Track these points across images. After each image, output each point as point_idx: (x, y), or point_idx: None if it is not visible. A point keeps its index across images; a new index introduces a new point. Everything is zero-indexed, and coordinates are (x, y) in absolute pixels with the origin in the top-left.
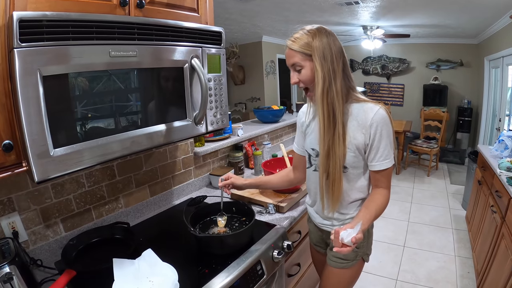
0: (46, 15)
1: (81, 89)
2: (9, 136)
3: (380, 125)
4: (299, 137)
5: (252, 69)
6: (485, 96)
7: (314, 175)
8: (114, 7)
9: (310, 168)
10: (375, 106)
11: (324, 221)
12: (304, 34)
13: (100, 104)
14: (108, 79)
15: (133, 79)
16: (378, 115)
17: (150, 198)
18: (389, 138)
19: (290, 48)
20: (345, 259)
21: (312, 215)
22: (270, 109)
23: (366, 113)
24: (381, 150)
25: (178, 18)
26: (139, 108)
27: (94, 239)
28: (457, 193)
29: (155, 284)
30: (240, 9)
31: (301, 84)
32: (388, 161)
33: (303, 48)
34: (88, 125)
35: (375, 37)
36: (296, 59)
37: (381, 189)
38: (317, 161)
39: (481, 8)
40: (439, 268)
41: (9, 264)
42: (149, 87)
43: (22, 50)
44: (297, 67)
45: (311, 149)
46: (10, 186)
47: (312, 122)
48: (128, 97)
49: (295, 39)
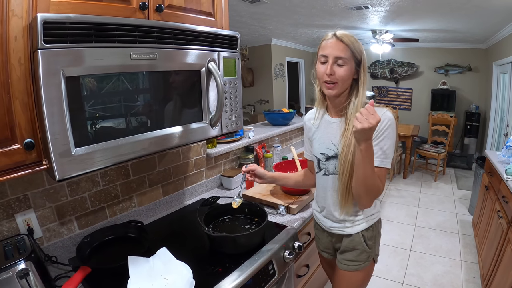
0: (69, 17)
1: (102, 91)
2: (30, 135)
3: (387, 125)
4: (307, 144)
5: (261, 71)
6: (493, 102)
7: (324, 179)
8: (134, 11)
9: (320, 172)
10: (382, 109)
11: (335, 224)
12: (355, 38)
13: (121, 104)
14: (129, 81)
15: (153, 81)
16: (385, 116)
17: (162, 198)
18: (392, 139)
19: (343, 42)
20: (357, 261)
21: (321, 220)
22: (281, 112)
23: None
24: (384, 148)
25: (195, 22)
26: (159, 110)
27: (108, 237)
28: (464, 198)
29: (169, 281)
30: (251, 12)
31: (335, 77)
32: (387, 161)
33: (356, 51)
34: (109, 126)
35: (384, 41)
36: (345, 54)
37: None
38: (326, 165)
39: (489, 13)
40: (445, 273)
41: (25, 260)
42: (168, 90)
43: (46, 51)
44: (340, 61)
45: (320, 153)
46: (27, 184)
47: (319, 128)
48: (149, 99)
49: (349, 36)
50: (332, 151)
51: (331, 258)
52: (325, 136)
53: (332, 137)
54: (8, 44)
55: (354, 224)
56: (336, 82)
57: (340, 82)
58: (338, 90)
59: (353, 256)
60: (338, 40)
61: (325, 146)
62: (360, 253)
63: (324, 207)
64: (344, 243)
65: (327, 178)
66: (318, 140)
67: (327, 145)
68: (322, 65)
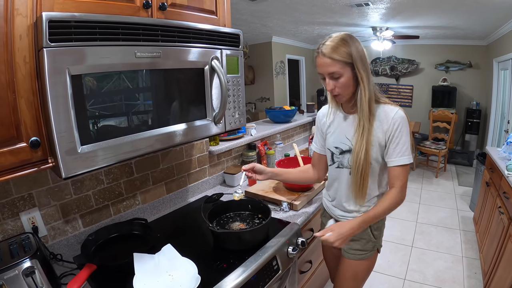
0: (74, 16)
1: (107, 89)
2: (36, 133)
3: (400, 123)
4: (319, 137)
5: (261, 69)
6: (493, 98)
7: (337, 172)
8: (137, 9)
9: (333, 165)
10: (394, 107)
11: (344, 213)
12: (339, 42)
13: (125, 103)
14: (133, 79)
15: (157, 79)
16: (398, 115)
17: (166, 195)
18: (407, 136)
19: (328, 57)
20: (364, 250)
21: (330, 208)
22: (282, 110)
23: (387, 113)
24: (400, 146)
25: (198, 21)
26: (163, 108)
27: (113, 234)
28: (465, 195)
29: (175, 278)
30: (251, 10)
31: (337, 90)
32: (406, 158)
33: (342, 57)
34: (114, 123)
35: (384, 38)
36: (335, 68)
37: (394, 189)
38: (340, 158)
39: (490, 10)
40: (446, 268)
41: (30, 258)
42: (173, 87)
43: (51, 50)
44: (336, 75)
45: (334, 147)
46: (31, 182)
47: (333, 123)
48: (153, 97)
49: (331, 47)
50: (346, 145)
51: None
52: (340, 131)
53: (347, 132)
54: (13, 43)
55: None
56: (339, 93)
57: (342, 91)
58: (345, 96)
59: (359, 245)
60: (324, 57)
61: (340, 140)
62: (366, 243)
63: (335, 197)
64: None
65: (340, 171)
66: (332, 134)
67: (342, 140)
68: (323, 81)
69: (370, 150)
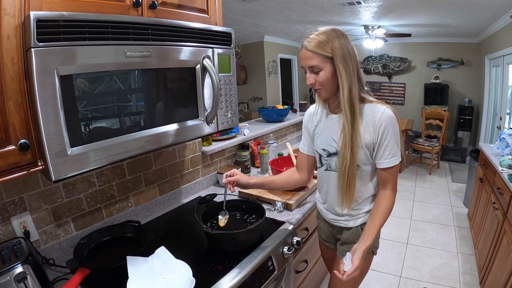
0: (63, 15)
1: (97, 89)
2: (24, 136)
3: (387, 124)
4: (306, 138)
5: (254, 68)
6: (485, 95)
7: (326, 174)
8: (127, 8)
9: (322, 167)
10: (382, 106)
11: (336, 217)
12: (322, 36)
13: (116, 104)
14: (123, 80)
15: (148, 79)
16: (384, 115)
17: (159, 197)
18: (395, 136)
19: (309, 50)
20: None
21: (323, 211)
22: (275, 109)
23: (374, 113)
24: (389, 148)
25: (189, 19)
26: (154, 108)
27: (106, 237)
28: (458, 191)
29: (169, 281)
30: (243, 9)
31: (317, 85)
32: (395, 159)
33: (324, 51)
34: (104, 124)
35: (376, 37)
36: (315, 61)
37: (386, 192)
38: (328, 161)
39: (481, 7)
40: (442, 265)
41: (22, 263)
42: (163, 87)
43: (39, 50)
44: (316, 69)
45: (322, 149)
46: (22, 186)
47: (320, 123)
48: (144, 97)
49: (314, 40)
50: (333, 147)
51: (332, 248)
52: (326, 132)
53: (333, 133)
54: (0, 44)
55: (354, 218)
56: (320, 87)
57: (323, 86)
58: (326, 93)
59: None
60: (306, 50)
61: (326, 142)
62: None
63: (326, 200)
64: (345, 236)
65: (329, 174)
66: (319, 135)
67: (328, 141)
68: (306, 75)
69: (356, 153)
